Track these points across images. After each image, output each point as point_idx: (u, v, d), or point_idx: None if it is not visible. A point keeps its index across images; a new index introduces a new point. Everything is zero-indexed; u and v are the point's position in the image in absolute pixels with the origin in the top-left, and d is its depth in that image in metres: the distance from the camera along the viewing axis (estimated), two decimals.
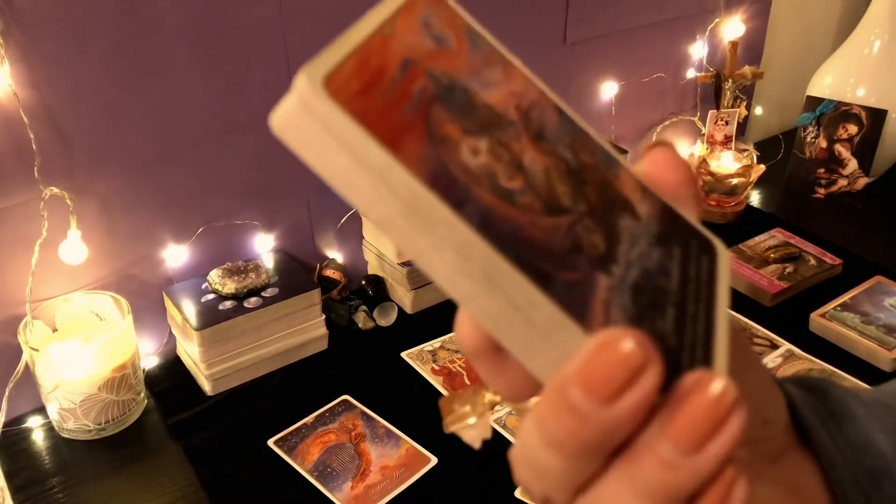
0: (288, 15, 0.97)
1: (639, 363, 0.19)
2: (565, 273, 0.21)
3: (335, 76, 0.19)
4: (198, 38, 0.92)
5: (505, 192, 0.21)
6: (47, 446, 0.91)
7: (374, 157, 0.19)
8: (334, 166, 0.19)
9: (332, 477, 0.85)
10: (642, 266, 0.23)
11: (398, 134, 0.19)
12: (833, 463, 0.29)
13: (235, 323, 0.95)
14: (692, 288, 0.24)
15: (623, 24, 1.29)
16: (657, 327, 0.22)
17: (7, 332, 0.91)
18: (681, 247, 0.25)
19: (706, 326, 0.23)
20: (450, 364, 1.01)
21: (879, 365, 1.00)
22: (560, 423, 0.20)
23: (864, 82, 1.37)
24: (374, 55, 0.21)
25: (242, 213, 1.04)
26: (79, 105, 0.87)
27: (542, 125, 0.24)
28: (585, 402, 0.19)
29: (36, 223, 0.88)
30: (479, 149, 0.21)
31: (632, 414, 0.19)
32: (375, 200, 0.19)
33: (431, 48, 0.23)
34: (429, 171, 0.19)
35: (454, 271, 0.20)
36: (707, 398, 0.19)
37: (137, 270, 0.99)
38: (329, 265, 1.13)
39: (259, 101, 0.99)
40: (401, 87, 0.21)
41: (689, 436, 0.19)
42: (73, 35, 0.84)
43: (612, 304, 0.21)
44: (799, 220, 1.32)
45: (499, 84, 0.24)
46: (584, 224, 0.23)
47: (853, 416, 0.31)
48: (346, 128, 0.19)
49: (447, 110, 0.21)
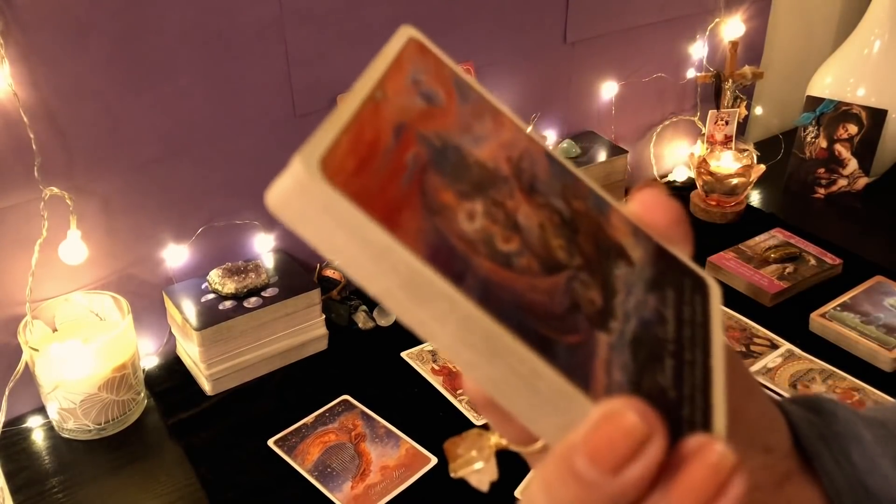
0: (288, 15, 0.97)
1: (643, 435, 0.19)
2: (566, 337, 0.21)
3: (331, 157, 0.19)
4: (198, 38, 0.92)
5: (503, 257, 0.21)
6: (47, 446, 0.91)
7: (374, 238, 0.19)
8: (334, 245, 0.19)
9: (332, 477, 0.85)
10: (639, 316, 0.23)
11: (396, 210, 0.19)
12: (838, 490, 0.29)
13: (235, 323, 0.95)
14: (688, 333, 0.24)
15: (623, 24, 1.29)
16: (657, 382, 0.22)
17: (7, 332, 0.91)
18: (674, 289, 0.26)
19: (703, 373, 0.23)
20: (450, 364, 1.01)
21: (879, 365, 1.00)
22: (566, 491, 0.20)
23: (864, 82, 1.37)
24: (367, 126, 0.21)
25: (242, 213, 1.04)
26: (79, 105, 0.87)
27: (533, 176, 0.25)
28: (591, 472, 0.19)
29: (36, 223, 0.88)
30: (474, 213, 0.21)
31: (638, 483, 0.19)
32: (376, 276, 0.19)
33: (422, 108, 0.23)
34: (428, 246, 0.19)
35: (457, 342, 0.20)
36: (707, 465, 0.19)
37: (137, 270, 0.99)
38: (329, 265, 1.13)
39: (259, 101, 0.99)
40: (395, 157, 0.21)
41: (689, 500, 0.19)
42: (73, 35, 0.84)
43: (613, 363, 0.21)
44: (799, 220, 1.32)
45: (489, 137, 0.24)
46: (580, 279, 0.23)
47: (860, 439, 0.30)
48: (344, 210, 0.19)
49: (441, 176, 0.22)
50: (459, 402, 0.95)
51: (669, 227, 0.27)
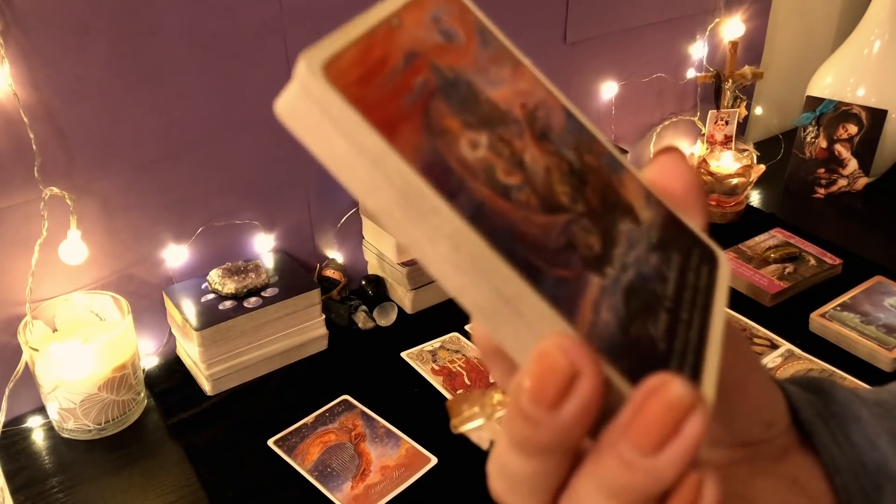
0: (288, 15, 0.97)
1: (568, 372, 0.19)
2: (556, 270, 0.21)
3: (335, 62, 0.19)
4: (198, 38, 0.92)
5: (501, 187, 0.21)
6: (47, 446, 0.91)
7: (370, 143, 0.19)
8: (333, 152, 0.20)
9: (332, 477, 0.85)
10: (638, 270, 0.23)
11: (395, 122, 0.20)
12: (837, 467, 0.29)
13: (235, 323, 0.95)
14: (688, 295, 0.24)
15: (623, 24, 1.29)
16: (648, 331, 0.22)
17: (7, 332, 0.91)
18: (681, 254, 0.25)
19: (699, 334, 0.23)
20: (450, 364, 1.01)
21: (879, 365, 1.00)
22: (517, 427, 0.20)
23: (864, 82, 1.37)
24: (377, 45, 0.21)
25: (242, 213, 1.04)
26: (79, 105, 0.87)
27: (547, 125, 0.24)
28: (533, 409, 0.20)
29: (36, 223, 0.88)
30: (478, 143, 0.21)
31: (577, 419, 0.20)
32: (372, 189, 0.19)
33: (439, 42, 0.23)
34: (423, 161, 0.19)
35: (447, 263, 0.20)
36: (663, 401, 0.19)
37: (137, 270, 0.99)
38: (329, 265, 1.13)
39: (259, 101, 0.99)
40: (402, 78, 0.21)
41: (645, 438, 0.19)
42: (74, 35, 0.84)
43: (601, 303, 0.21)
44: (799, 220, 1.32)
45: (505, 82, 0.24)
46: (580, 224, 0.23)
47: (858, 418, 0.31)
48: (342, 112, 0.19)
49: (448, 104, 0.21)
50: None
51: (684, 195, 0.27)
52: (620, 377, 0.20)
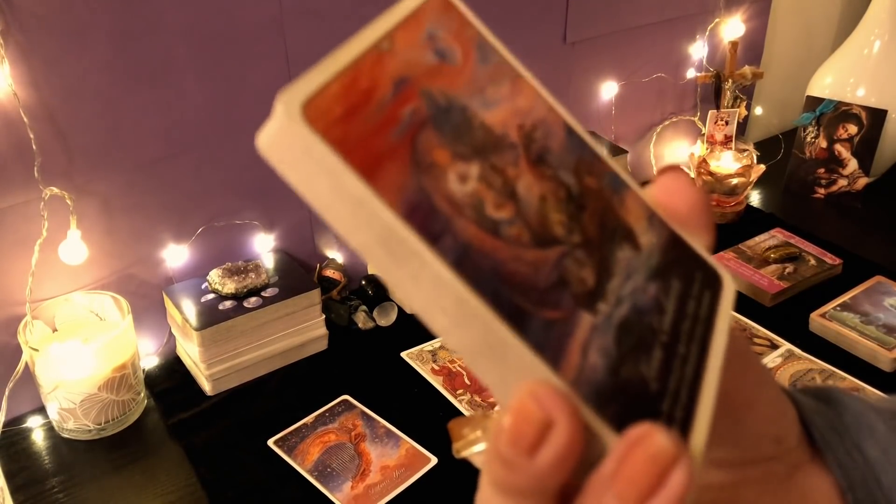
0: (288, 15, 0.97)
1: (542, 420, 0.19)
2: (544, 311, 0.20)
3: (315, 101, 0.19)
4: (198, 38, 0.92)
5: (490, 223, 0.20)
6: (47, 446, 0.91)
7: (351, 187, 0.19)
8: (315, 191, 0.19)
9: (332, 477, 0.85)
10: (634, 302, 0.23)
11: (378, 162, 0.19)
12: (852, 484, 0.29)
13: (235, 323, 0.95)
14: (687, 326, 0.23)
15: (623, 24, 1.29)
16: (639, 371, 0.21)
17: (7, 332, 0.91)
18: (682, 280, 0.24)
19: (695, 369, 0.22)
20: (450, 364, 1.01)
21: (879, 365, 1.00)
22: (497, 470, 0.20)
23: (864, 82, 1.37)
24: (364, 75, 0.20)
25: (242, 213, 1.04)
26: (79, 105, 0.87)
27: (544, 147, 0.24)
28: (510, 453, 0.20)
29: (36, 223, 0.88)
30: (468, 175, 0.21)
31: (552, 467, 0.19)
32: (354, 228, 0.19)
33: (432, 65, 0.22)
34: (406, 203, 0.19)
35: (430, 304, 0.20)
36: (646, 453, 0.19)
37: (137, 270, 0.99)
38: (329, 265, 1.13)
39: (259, 101, 0.99)
40: (390, 110, 0.20)
41: (628, 490, 0.19)
42: (73, 35, 0.84)
43: (591, 345, 0.21)
44: (799, 220, 1.32)
45: (503, 102, 0.24)
46: (574, 256, 0.22)
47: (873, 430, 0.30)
48: (323, 155, 0.19)
49: (438, 134, 0.21)
50: (459, 402, 0.95)
51: (690, 215, 0.26)
52: (604, 425, 0.20)
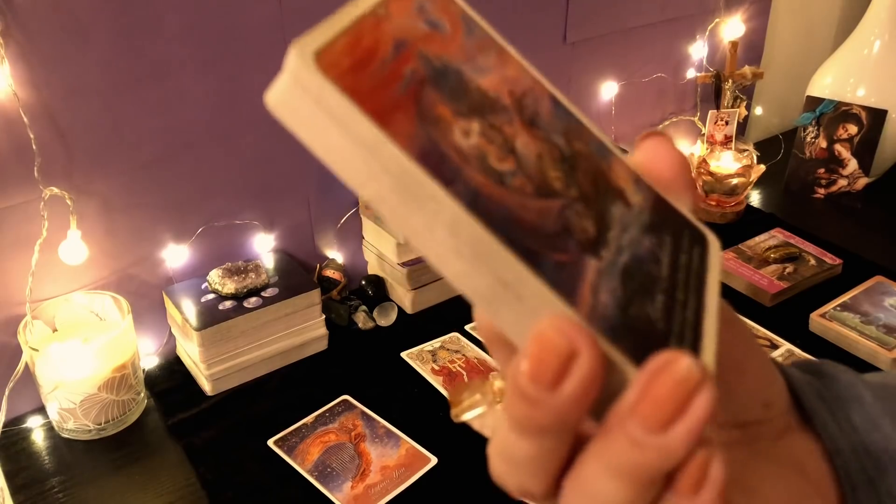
0: (288, 15, 0.97)
1: (566, 351, 0.19)
2: (554, 254, 0.21)
3: (326, 52, 0.19)
4: (198, 38, 0.92)
5: (495, 174, 0.21)
6: (47, 446, 0.91)
7: (365, 132, 0.19)
8: (327, 143, 0.19)
9: (332, 477, 0.85)
10: (633, 252, 0.23)
11: (388, 111, 0.19)
12: (838, 448, 0.29)
13: (235, 323, 0.95)
14: (682, 276, 0.24)
15: (623, 24, 1.29)
16: (646, 311, 0.22)
17: (7, 332, 0.91)
18: (672, 236, 0.25)
19: (696, 314, 0.23)
20: (450, 364, 1.01)
21: (879, 365, 1.00)
22: (518, 408, 0.20)
23: (864, 82, 1.37)
24: (366, 34, 0.21)
25: (242, 213, 1.04)
26: (79, 105, 0.87)
27: (535, 112, 0.24)
28: (532, 389, 0.20)
29: (36, 223, 0.88)
30: (470, 130, 0.21)
31: (576, 398, 0.20)
32: (367, 177, 0.19)
33: (425, 31, 0.23)
34: (419, 148, 0.19)
35: (445, 249, 0.20)
36: (672, 377, 0.19)
37: (137, 270, 0.99)
38: (329, 265, 1.13)
39: (259, 101, 0.98)
40: (392, 68, 0.21)
41: (653, 415, 0.19)
42: (73, 35, 0.84)
43: (600, 286, 0.21)
44: (799, 220, 1.32)
45: (492, 70, 0.24)
46: (574, 209, 0.23)
47: (860, 400, 0.30)
48: (336, 102, 0.19)
49: (439, 92, 0.21)
50: None
51: (672, 177, 0.27)
52: (623, 357, 0.20)
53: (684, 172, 0.27)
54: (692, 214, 0.27)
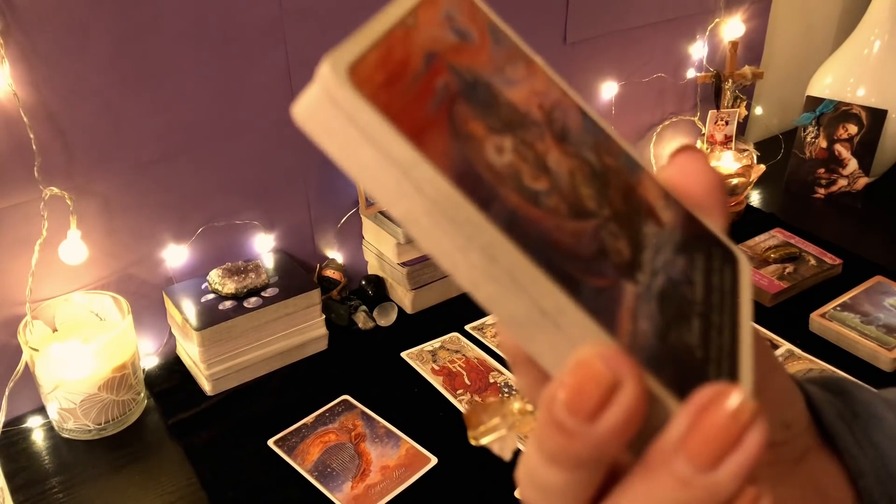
0: (288, 15, 0.97)
1: (609, 381, 0.19)
2: (592, 279, 0.20)
3: (359, 66, 0.19)
4: (198, 38, 0.92)
5: (531, 193, 0.20)
6: (47, 446, 0.91)
7: (400, 152, 0.18)
8: (358, 160, 0.19)
9: (332, 477, 0.85)
10: (667, 274, 0.22)
11: (422, 129, 0.19)
12: (861, 471, 0.29)
13: (235, 323, 0.95)
14: (716, 298, 0.23)
15: (623, 24, 1.29)
16: (684, 338, 0.21)
17: (7, 332, 0.91)
18: (703, 256, 0.24)
19: (731, 338, 0.22)
20: (450, 364, 1.01)
21: (879, 365, 1.00)
22: (552, 440, 0.19)
23: (864, 82, 1.37)
24: (397, 47, 0.20)
25: (242, 213, 1.04)
26: (79, 105, 0.87)
27: (565, 126, 0.24)
28: (569, 420, 0.19)
29: (36, 223, 0.88)
30: (503, 147, 0.20)
31: (616, 431, 0.19)
32: (399, 197, 0.19)
33: (454, 42, 0.22)
34: (454, 169, 0.19)
35: (479, 274, 0.19)
36: (724, 412, 0.18)
37: (137, 270, 0.99)
38: (329, 265, 1.13)
39: (259, 101, 0.99)
40: (424, 81, 0.20)
41: (703, 452, 0.18)
42: (73, 35, 0.84)
43: (638, 313, 0.20)
44: (799, 220, 1.32)
45: (521, 82, 0.23)
46: (608, 229, 0.22)
47: (881, 420, 0.30)
48: (371, 120, 0.18)
49: (471, 107, 0.21)
50: (459, 402, 0.95)
51: (705, 196, 0.26)
52: (664, 389, 0.19)
53: (718, 191, 0.26)
54: (722, 233, 0.26)
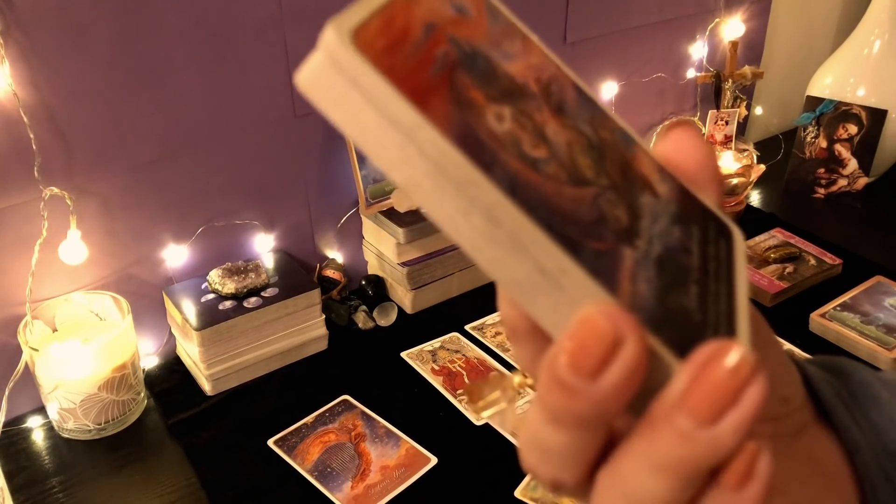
0: (288, 15, 0.97)
1: (612, 338, 0.19)
2: (592, 242, 0.20)
3: (362, 31, 0.19)
4: (198, 38, 0.92)
5: (530, 160, 0.20)
6: (47, 446, 0.91)
7: (403, 115, 0.18)
8: (361, 124, 0.19)
9: (332, 477, 0.85)
10: (664, 242, 0.23)
11: (425, 93, 0.19)
12: (857, 446, 0.29)
13: (235, 323, 0.95)
14: (712, 267, 0.24)
15: (623, 24, 1.29)
16: (682, 302, 0.21)
17: (7, 332, 0.91)
18: (699, 227, 0.25)
19: (728, 305, 0.23)
20: (449, 364, 1.01)
21: (879, 365, 1.00)
22: (554, 398, 0.20)
23: (864, 82, 1.37)
24: (398, 15, 0.20)
25: (242, 213, 1.04)
26: (79, 105, 0.87)
27: (561, 100, 0.24)
28: (571, 378, 0.19)
29: (36, 223, 0.88)
30: (503, 115, 0.21)
31: (618, 388, 0.19)
32: (402, 161, 0.19)
33: (453, 16, 0.22)
34: (457, 132, 0.19)
35: (481, 236, 0.19)
36: (724, 367, 0.19)
37: (137, 270, 0.99)
38: (329, 265, 1.13)
39: (259, 101, 0.99)
40: (425, 50, 0.20)
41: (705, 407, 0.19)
42: (73, 35, 0.84)
43: (637, 275, 0.21)
44: (799, 220, 1.32)
45: (518, 57, 0.24)
46: (607, 197, 0.22)
47: (877, 399, 0.30)
48: (374, 83, 0.18)
49: (470, 76, 0.21)
50: (459, 402, 0.95)
51: (698, 170, 0.26)
52: (664, 348, 0.20)
53: (710, 165, 0.26)
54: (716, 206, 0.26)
